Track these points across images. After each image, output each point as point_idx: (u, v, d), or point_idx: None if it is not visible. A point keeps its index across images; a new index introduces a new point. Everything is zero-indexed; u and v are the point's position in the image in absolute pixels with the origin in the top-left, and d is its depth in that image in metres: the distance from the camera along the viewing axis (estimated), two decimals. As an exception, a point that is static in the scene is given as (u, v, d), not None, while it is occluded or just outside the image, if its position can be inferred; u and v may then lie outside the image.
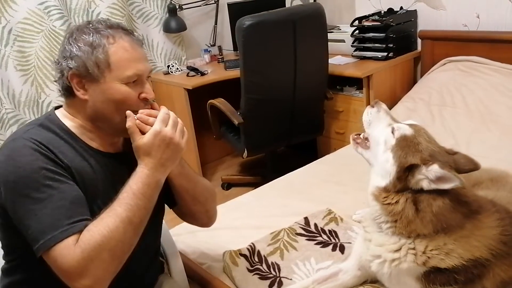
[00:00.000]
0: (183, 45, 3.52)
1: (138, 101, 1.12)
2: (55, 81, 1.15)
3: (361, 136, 1.26)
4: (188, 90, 3.02)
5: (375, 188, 1.16)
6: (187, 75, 3.17)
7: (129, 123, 1.08)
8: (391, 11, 2.96)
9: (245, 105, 2.61)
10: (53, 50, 2.86)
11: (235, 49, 3.39)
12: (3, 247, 1.14)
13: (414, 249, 1.11)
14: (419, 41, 2.96)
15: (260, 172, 3.20)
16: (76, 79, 1.10)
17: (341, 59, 3.01)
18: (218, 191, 3.00)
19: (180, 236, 1.65)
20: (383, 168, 1.15)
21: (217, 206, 1.39)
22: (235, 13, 3.22)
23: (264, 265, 1.49)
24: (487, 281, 1.08)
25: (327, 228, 1.64)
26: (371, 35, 2.89)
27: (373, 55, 2.90)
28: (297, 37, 2.54)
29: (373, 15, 2.97)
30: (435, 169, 1.08)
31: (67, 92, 1.13)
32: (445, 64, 2.75)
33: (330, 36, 2.80)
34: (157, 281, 1.37)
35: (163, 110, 1.12)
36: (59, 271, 0.97)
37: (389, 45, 2.83)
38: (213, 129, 2.99)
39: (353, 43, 3.00)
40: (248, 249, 1.53)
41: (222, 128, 2.97)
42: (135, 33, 1.17)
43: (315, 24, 2.60)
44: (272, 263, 1.49)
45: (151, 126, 1.08)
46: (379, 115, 1.24)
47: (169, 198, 1.28)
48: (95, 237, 0.96)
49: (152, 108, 1.14)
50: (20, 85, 2.81)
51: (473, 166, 1.15)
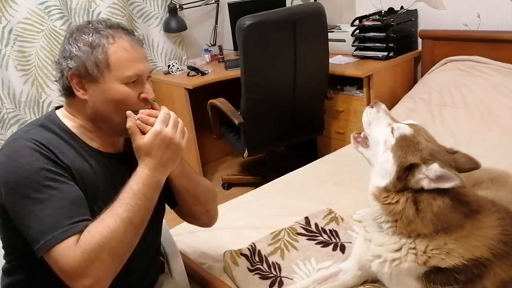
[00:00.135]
0: (184, 45, 3.52)
1: (138, 101, 1.12)
2: (56, 81, 1.15)
3: (362, 135, 1.26)
4: (188, 89, 3.02)
5: (375, 188, 1.16)
6: (188, 75, 3.16)
7: (129, 123, 1.08)
8: (391, 10, 2.96)
9: (246, 105, 2.61)
10: (54, 50, 2.86)
11: (236, 48, 3.39)
12: (3, 247, 1.14)
13: (414, 248, 1.11)
14: (420, 40, 2.96)
15: (260, 172, 3.20)
16: (75, 79, 1.10)
17: (342, 58, 3.01)
18: (218, 191, 3.00)
19: (180, 236, 1.65)
20: (383, 168, 1.15)
21: (217, 206, 1.39)
22: (236, 12, 3.22)
23: (264, 265, 1.49)
24: (488, 281, 1.08)
25: (327, 227, 1.64)
26: (371, 34, 2.89)
27: (373, 55, 2.90)
28: (297, 36, 2.54)
29: (374, 14, 2.97)
30: (435, 168, 1.08)
31: (67, 92, 1.13)
32: (445, 63, 2.75)
33: (330, 35, 2.79)
34: (158, 281, 1.37)
35: (164, 110, 1.12)
36: (59, 271, 0.97)
37: (389, 45, 2.83)
38: (214, 129, 2.99)
39: (353, 42, 3.00)
40: (248, 249, 1.53)
41: (222, 128, 2.97)
42: (135, 33, 1.17)
43: (315, 23, 2.60)
44: (272, 262, 1.49)
45: (152, 126, 1.08)
46: (378, 115, 1.24)
47: (170, 198, 1.28)
48: (96, 238, 0.96)
49: (152, 108, 1.14)
50: (20, 85, 2.82)
51: (474, 165, 1.15)
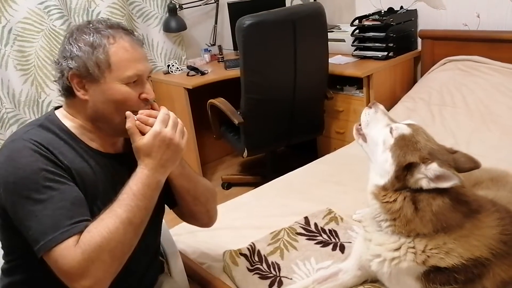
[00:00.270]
0: (183, 44, 3.52)
1: (138, 101, 1.12)
2: (55, 81, 1.15)
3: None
4: (188, 89, 3.02)
5: (374, 186, 1.17)
6: (187, 75, 3.16)
7: (129, 124, 1.08)
8: (391, 10, 2.96)
9: (245, 105, 2.61)
10: (53, 49, 2.86)
11: (235, 48, 3.39)
12: (3, 248, 1.14)
13: (413, 248, 1.11)
14: (419, 40, 2.96)
15: (260, 172, 3.20)
16: (76, 79, 1.09)
17: (341, 58, 3.01)
18: (218, 190, 2.99)
19: (180, 236, 1.65)
20: (382, 167, 1.15)
21: (217, 206, 1.39)
22: (235, 12, 3.22)
23: (264, 265, 1.49)
24: (487, 281, 1.08)
25: (327, 227, 1.63)
26: (371, 34, 2.89)
27: (373, 55, 2.90)
28: (297, 36, 2.54)
29: (373, 14, 2.97)
30: (434, 168, 1.08)
31: (67, 92, 1.13)
32: (445, 63, 2.75)
33: (330, 35, 2.79)
34: (157, 281, 1.37)
35: (163, 110, 1.12)
36: (59, 272, 0.97)
37: (389, 45, 2.83)
38: (213, 129, 2.99)
39: (353, 42, 3.00)
40: (248, 248, 1.53)
41: (222, 127, 2.97)
42: (135, 33, 1.17)
43: (315, 23, 2.60)
44: (272, 262, 1.49)
45: (151, 126, 1.08)
46: (376, 115, 1.24)
47: (169, 198, 1.28)
48: (95, 238, 0.96)
49: (152, 108, 1.14)
50: (20, 84, 2.81)
51: (474, 164, 1.14)
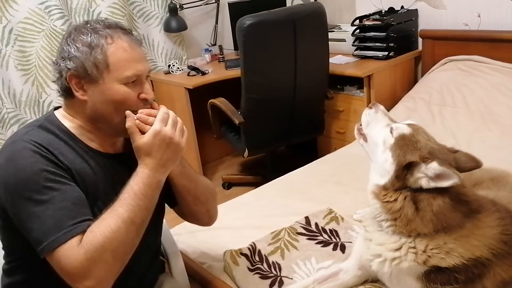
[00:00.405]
0: (184, 44, 3.52)
1: (137, 101, 1.12)
2: (54, 81, 1.15)
3: None
4: (188, 89, 3.02)
5: (374, 186, 1.17)
6: (188, 75, 3.16)
7: (128, 123, 1.08)
8: (391, 10, 2.96)
9: (246, 105, 2.61)
10: (54, 49, 2.85)
11: (236, 48, 3.39)
12: (3, 248, 1.14)
13: (414, 248, 1.11)
14: (420, 40, 2.96)
15: (260, 171, 3.20)
16: (75, 80, 1.09)
17: (342, 58, 3.01)
18: (218, 190, 3.00)
19: (180, 235, 1.65)
20: (382, 167, 1.15)
21: (217, 205, 1.39)
22: (236, 12, 3.22)
23: (264, 265, 1.49)
24: (488, 281, 1.08)
25: (327, 227, 1.63)
26: (371, 34, 2.89)
27: (373, 55, 2.90)
28: (297, 36, 2.54)
29: (374, 14, 2.97)
30: (434, 166, 1.07)
31: (66, 92, 1.12)
32: (445, 63, 2.75)
33: (330, 35, 2.79)
34: (158, 280, 1.37)
35: (162, 109, 1.12)
36: (62, 272, 0.97)
37: (389, 45, 2.83)
38: (214, 129, 2.99)
39: (353, 42, 3.00)
40: (248, 248, 1.53)
41: (222, 127, 2.97)
42: (133, 33, 1.17)
43: (315, 23, 2.60)
44: (272, 262, 1.49)
45: (151, 126, 1.08)
46: (377, 116, 1.24)
47: (169, 198, 1.28)
48: (98, 238, 0.96)
49: (151, 107, 1.14)
50: (20, 84, 2.82)
51: (475, 164, 1.14)
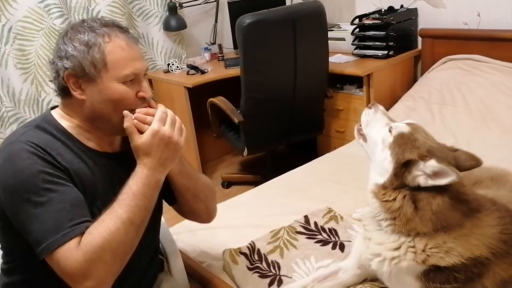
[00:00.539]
0: (183, 43, 3.52)
1: (135, 100, 1.11)
2: (51, 81, 1.14)
3: None
4: (188, 88, 3.01)
5: (374, 185, 1.17)
6: (187, 74, 3.16)
7: (126, 123, 1.07)
8: (391, 9, 2.96)
9: (245, 104, 2.61)
10: (53, 48, 2.85)
11: (235, 47, 3.38)
12: (2, 248, 1.14)
13: (413, 247, 1.11)
14: (420, 39, 2.96)
15: (260, 170, 3.20)
16: (72, 79, 1.08)
17: (342, 57, 3.01)
18: (218, 189, 3.00)
19: (180, 234, 1.65)
20: (381, 166, 1.15)
21: (217, 204, 1.39)
22: (235, 11, 3.21)
23: (264, 264, 1.49)
24: (487, 280, 1.08)
25: (327, 226, 1.63)
26: (371, 33, 2.88)
27: (373, 54, 2.90)
28: (297, 35, 2.54)
29: (374, 13, 2.96)
30: (431, 164, 1.08)
31: (63, 92, 1.12)
32: (445, 62, 2.75)
33: (330, 34, 2.79)
34: (157, 279, 1.37)
35: (161, 108, 1.11)
36: (62, 273, 0.97)
37: (389, 44, 2.83)
38: (213, 128, 2.99)
39: (353, 41, 3.00)
40: (248, 247, 1.53)
41: (222, 126, 2.97)
42: (130, 31, 1.16)
43: (315, 22, 2.60)
44: (272, 261, 1.49)
45: (149, 125, 1.07)
46: (376, 115, 1.25)
47: (168, 195, 1.28)
48: (97, 240, 0.96)
49: (149, 106, 1.13)
50: (20, 83, 2.81)
51: (475, 162, 1.14)
